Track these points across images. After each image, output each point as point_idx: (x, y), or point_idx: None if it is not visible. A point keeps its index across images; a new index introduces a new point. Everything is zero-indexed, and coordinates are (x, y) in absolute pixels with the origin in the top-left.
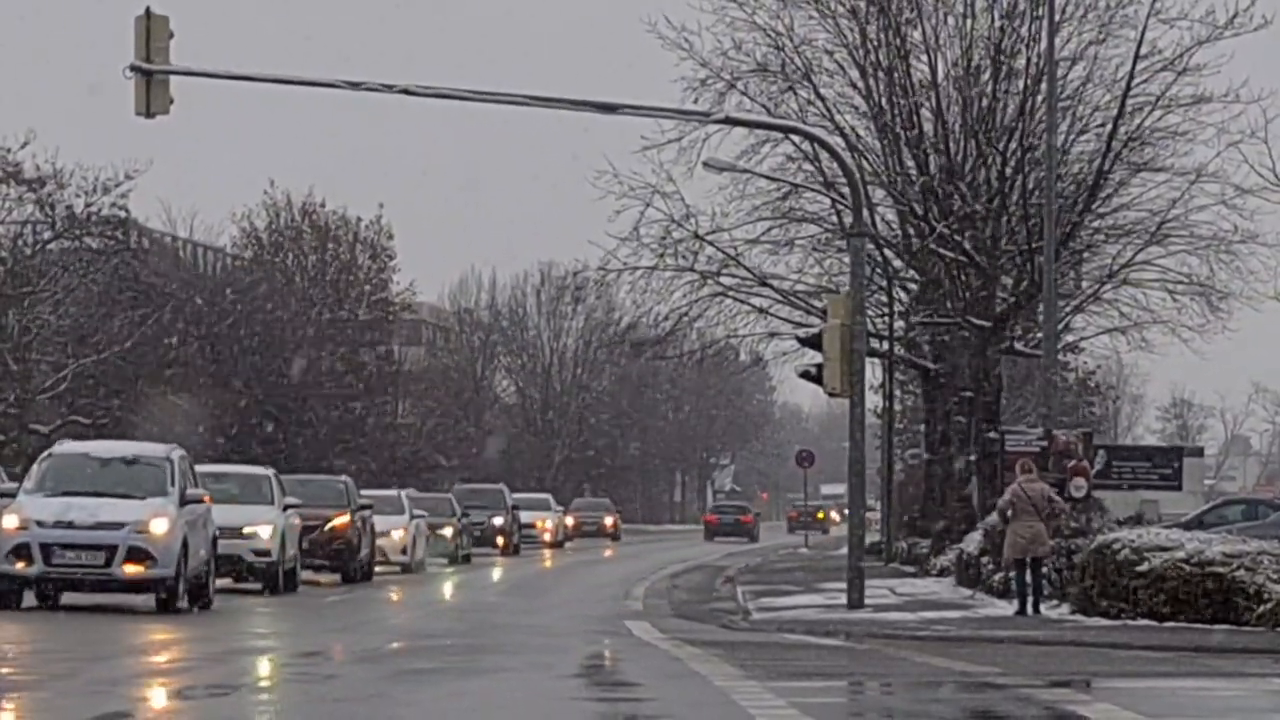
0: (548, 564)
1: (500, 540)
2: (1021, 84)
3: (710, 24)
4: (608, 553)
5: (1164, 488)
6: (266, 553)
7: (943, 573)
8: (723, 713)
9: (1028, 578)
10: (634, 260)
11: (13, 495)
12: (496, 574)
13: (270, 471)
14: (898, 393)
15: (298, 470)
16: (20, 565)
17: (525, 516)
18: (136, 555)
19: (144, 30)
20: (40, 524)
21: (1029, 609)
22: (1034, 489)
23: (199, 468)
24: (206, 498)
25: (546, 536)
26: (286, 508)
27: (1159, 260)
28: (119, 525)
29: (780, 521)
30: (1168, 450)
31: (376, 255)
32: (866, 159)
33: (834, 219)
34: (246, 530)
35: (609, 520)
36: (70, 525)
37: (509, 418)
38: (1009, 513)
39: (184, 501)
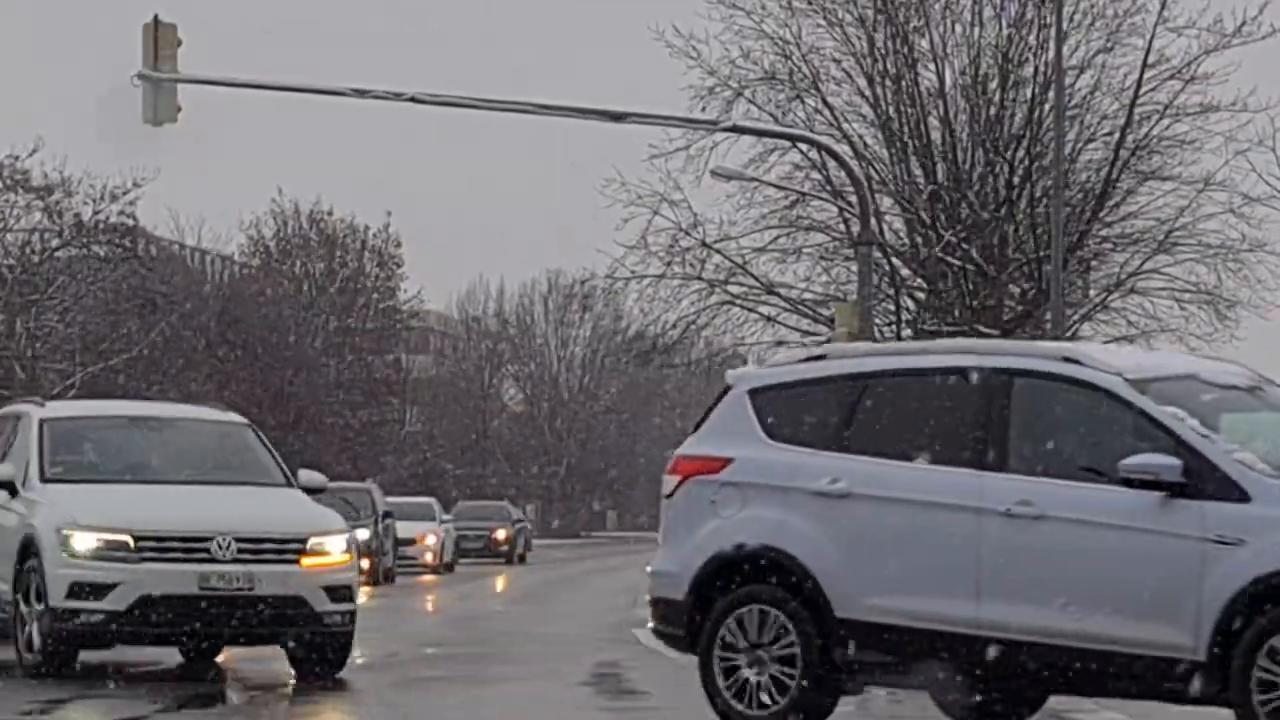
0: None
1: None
2: (1029, 92)
3: (718, 32)
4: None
5: None
6: None
7: None
8: None
9: None
10: (641, 268)
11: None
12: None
13: None
14: None
15: None
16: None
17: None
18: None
19: (151, 38)
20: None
21: None
22: None
23: None
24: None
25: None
26: None
27: (1167, 269)
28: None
29: None
30: None
31: (384, 263)
32: (874, 167)
33: (842, 227)
34: None
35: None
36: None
37: (516, 426)
38: None
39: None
